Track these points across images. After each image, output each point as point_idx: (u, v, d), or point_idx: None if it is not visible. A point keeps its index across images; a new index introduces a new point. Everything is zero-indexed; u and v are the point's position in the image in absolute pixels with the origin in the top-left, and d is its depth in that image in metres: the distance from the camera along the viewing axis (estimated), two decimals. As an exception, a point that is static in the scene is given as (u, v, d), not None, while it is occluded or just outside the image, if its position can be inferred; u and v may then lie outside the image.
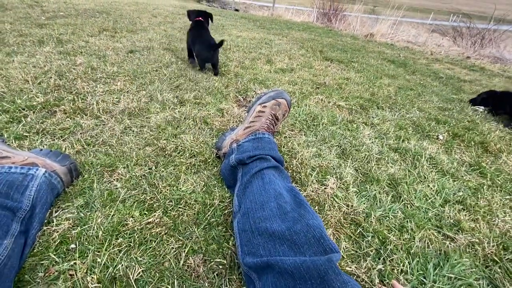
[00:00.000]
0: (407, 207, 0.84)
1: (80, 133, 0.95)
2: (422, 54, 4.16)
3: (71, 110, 1.07)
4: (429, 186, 0.94)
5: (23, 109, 1.03)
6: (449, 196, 0.91)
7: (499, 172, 1.10)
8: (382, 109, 1.58)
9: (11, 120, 0.96)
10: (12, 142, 0.86)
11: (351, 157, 1.04)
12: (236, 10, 11.16)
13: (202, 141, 1.00)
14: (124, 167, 0.80)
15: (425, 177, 0.99)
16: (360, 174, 0.95)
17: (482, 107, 1.86)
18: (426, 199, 0.88)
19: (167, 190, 0.75)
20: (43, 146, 0.87)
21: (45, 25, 2.31)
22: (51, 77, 1.31)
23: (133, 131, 1.01)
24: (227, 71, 1.79)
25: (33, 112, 1.03)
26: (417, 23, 9.45)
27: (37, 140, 0.88)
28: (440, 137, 1.32)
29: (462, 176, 1.03)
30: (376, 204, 0.83)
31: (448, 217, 0.82)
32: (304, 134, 1.17)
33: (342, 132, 1.22)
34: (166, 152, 0.91)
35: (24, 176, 0.61)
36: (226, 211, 0.72)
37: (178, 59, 1.88)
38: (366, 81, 2.09)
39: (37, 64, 1.46)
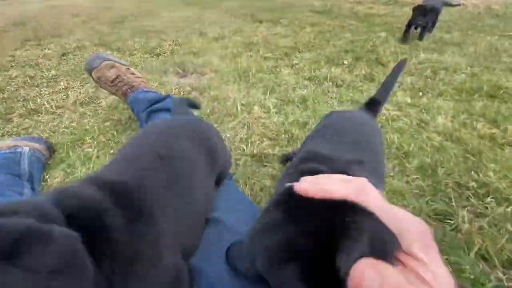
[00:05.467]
0: (313, 112, 1.14)
1: (43, 127, 1.10)
2: (346, -1, 4.47)
3: (26, 113, 1.19)
4: (330, 96, 1.25)
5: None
6: (342, 98, 1.23)
7: (385, 75, 1.45)
8: (303, 52, 1.86)
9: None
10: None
11: (273, 91, 1.32)
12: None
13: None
14: (90, 138, 0.99)
15: (328, 91, 1.30)
16: (280, 101, 1.23)
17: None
18: (326, 105, 1.19)
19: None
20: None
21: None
22: (-7, 92, 1.38)
23: (89, 115, 1.17)
24: (163, 50, 1.93)
25: (-10, 123, 1.14)
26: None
27: (5, 140, 1.02)
28: (346, 62, 1.64)
29: (356, 85, 1.36)
30: (292, 114, 1.12)
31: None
32: (237, 84, 1.42)
33: (267, 76, 1.48)
34: (123, 122, 1.10)
35: (14, 154, 0.79)
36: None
37: (113, 51, 1.96)
38: (291, 33, 2.34)
39: (-28, 85, 1.49)
